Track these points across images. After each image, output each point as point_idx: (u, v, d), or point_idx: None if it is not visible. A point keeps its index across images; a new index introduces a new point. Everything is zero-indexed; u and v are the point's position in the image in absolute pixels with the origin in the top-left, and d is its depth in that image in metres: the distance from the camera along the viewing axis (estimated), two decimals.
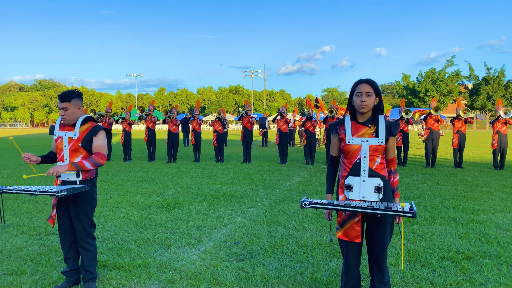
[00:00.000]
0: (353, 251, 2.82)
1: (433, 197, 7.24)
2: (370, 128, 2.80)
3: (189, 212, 6.13)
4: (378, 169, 2.76)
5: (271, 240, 4.73)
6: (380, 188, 2.71)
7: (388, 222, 2.79)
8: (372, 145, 2.74)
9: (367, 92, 2.75)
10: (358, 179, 2.75)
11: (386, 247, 2.83)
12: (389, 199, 2.79)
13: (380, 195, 2.72)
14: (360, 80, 2.83)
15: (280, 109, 13.48)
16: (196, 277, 3.66)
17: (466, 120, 11.82)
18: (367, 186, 2.74)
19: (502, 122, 11.38)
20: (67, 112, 3.26)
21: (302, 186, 8.54)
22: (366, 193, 2.73)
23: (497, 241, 4.64)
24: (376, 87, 2.81)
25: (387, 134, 2.78)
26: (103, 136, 3.40)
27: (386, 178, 2.79)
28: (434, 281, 3.54)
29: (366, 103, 2.74)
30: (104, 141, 3.38)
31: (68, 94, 3.25)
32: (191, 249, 4.44)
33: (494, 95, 57.60)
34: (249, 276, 3.68)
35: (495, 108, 11.61)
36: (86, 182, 3.30)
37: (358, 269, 2.87)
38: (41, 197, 7.17)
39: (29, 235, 4.94)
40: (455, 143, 11.85)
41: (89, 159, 3.24)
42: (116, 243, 4.64)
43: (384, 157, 2.80)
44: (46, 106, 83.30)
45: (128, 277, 3.66)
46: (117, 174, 10.37)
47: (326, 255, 4.21)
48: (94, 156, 3.28)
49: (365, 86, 2.77)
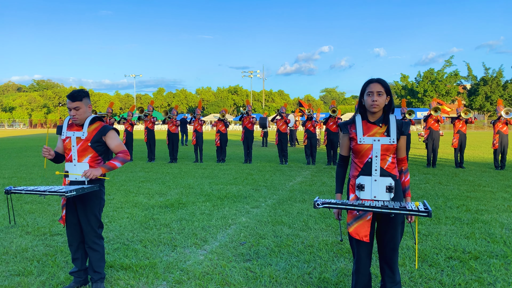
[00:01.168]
0: (364, 250, 2.80)
1: (436, 197, 7.24)
2: (381, 128, 2.79)
3: (193, 212, 6.11)
4: (390, 168, 2.76)
5: (277, 240, 4.72)
6: (392, 187, 2.70)
7: (399, 221, 2.78)
8: (384, 144, 2.74)
9: (378, 91, 2.75)
10: (370, 178, 2.75)
11: (397, 247, 2.82)
12: (400, 199, 2.79)
13: (392, 194, 2.71)
14: (371, 80, 2.82)
15: (280, 109, 13.48)
16: (204, 277, 3.65)
17: (467, 120, 11.82)
18: (378, 185, 2.73)
19: (503, 122, 11.40)
20: (79, 111, 3.25)
21: (304, 186, 8.53)
22: (377, 193, 2.72)
23: (503, 240, 4.64)
24: (387, 86, 2.81)
25: (398, 134, 2.78)
26: (116, 135, 3.42)
27: (397, 177, 2.78)
28: (442, 281, 3.53)
29: (378, 103, 2.74)
30: (118, 139, 3.42)
31: (79, 94, 3.26)
32: (197, 249, 4.43)
33: (492, 95, 57.75)
34: (257, 276, 3.67)
35: (496, 109, 11.62)
36: (94, 182, 3.29)
37: (369, 269, 2.86)
38: (44, 197, 7.15)
39: (34, 236, 4.92)
40: (455, 143, 11.88)
41: (117, 158, 3.29)
42: (121, 243, 4.63)
43: (395, 156, 2.80)
44: (45, 107, 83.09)
45: (135, 277, 3.65)
46: (118, 175, 10.34)
47: (333, 255, 4.20)
48: (120, 154, 3.33)
49: (376, 86, 2.77)
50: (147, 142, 13.70)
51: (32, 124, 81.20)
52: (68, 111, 3.27)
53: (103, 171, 3.20)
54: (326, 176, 10.20)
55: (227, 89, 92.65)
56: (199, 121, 13.61)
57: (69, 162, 3.29)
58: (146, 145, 13.85)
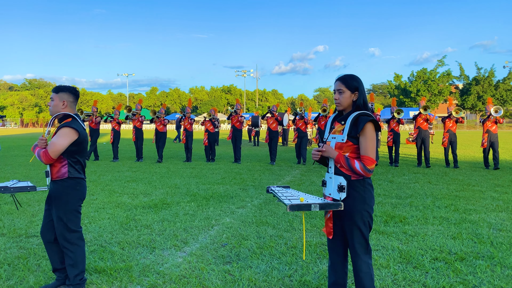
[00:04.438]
0: (330, 246, 2.83)
1: (425, 197, 7.15)
2: (342, 125, 2.72)
3: (177, 212, 5.97)
4: (343, 167, 2.64)
5: (259, 241, 4.59)
6: (343, 187, 2.59)
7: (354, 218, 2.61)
8: (338, 142, 2.69)
9: (338, 89, 2.73)
10: (328, 175, 2.76)
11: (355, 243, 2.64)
12: (359, 202, 2.61)
13: (344, 194, 2.60)
14: (336, 78, 2.77)
15: (271, 107, 13.32)
16: (180, 281, 3.51)
17: (457, 119, 11.72)
18: (332, 183, 2.70)
19: (492, 121, 11.28)
20: (51, 103, 3.19)
21: (293, 185, 8.41)
22: (332, 191, 2.70)
23: (490, 241, 4.55)
24: (349, 83, 2.70)
25: (353, 131, 2.62)
26: (62, 134, 3.05)
27: (352, 178, 2.61)
28: (426, 283, 3.42)
29: (338, 101, 2.73)
30: (59, 139, 3.02)
31: (59, 87, 3.22)
32: (176, 251, 4.29)
33: (484, 95, 58.07)
34: (235, 279, 3.54)
35: (485, 107, 11.52)
36: (59, 183, 3.12)
37: (340, 265, 2.81)
38: (23, 198, 6.96)
39: (8, 238, 4.75)
40: (445, 142, 11.82)
41: (37, 151, 3.06)
42: (99, 245, 4.47)
43: (354, 156, 2.65)
44: (36, 106, 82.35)
45: (109, 281, 3.50)
46: (104, 174, 10.16)
47: (315, 257, 4.08)
48: (42, 151, 3.03)
49: (336, 84, 2.76)
50: (135, 141, 13.51)
51: (23, 123, 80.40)
52: None
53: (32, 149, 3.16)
54: (315, 175, 10.09)
55: (221, 89, 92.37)
56: (189, 120, 13.44)
57: None
58: (134, 144, 13.65)
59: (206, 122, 13.46)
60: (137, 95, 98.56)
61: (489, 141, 11.27)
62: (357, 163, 2.57)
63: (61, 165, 3.13)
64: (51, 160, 3.03)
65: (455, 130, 11.87)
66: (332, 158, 2.65)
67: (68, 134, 3.07)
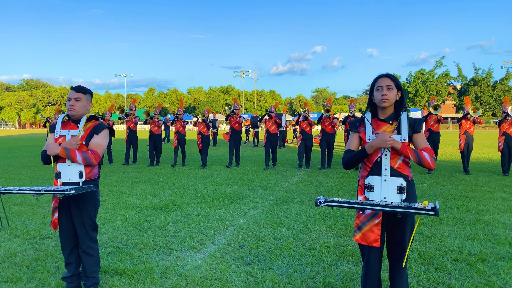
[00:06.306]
0: (374, 255, 2.67)
1: (435, 197, 7.15)
2: (391, 125, 2.68)
3: (189, 214, 5.94)
4: (401, 168, 2.62)
5: (277, 242, 4.56)
6: (403, 188, 2.56)
7: (408, 223, 2.65)
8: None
9: (387, 85, 2.65)
10: (379, 178, 2.61)
11: (405, 250, 2.67)
12: (413, 201, 2.65)
13: (403, 196, 2.57)
14: (380, 75, 2.72)
15: (269, 109, 12.47)
16: (203, 282, 3.48)
17: (475, 120, 10.51)
18: (388, 186, 2.59)
19: (509, 123, 10.03)
20: (78, 103, 3.11)
21: (301, 186, 8.39)
22: (387, 194, 2.59)
23: (508, 242, 4.54)
24: (397, 81, 2.70)
25: (410, 131, 2.65)
26: (104, 135, 3.18)
27: (410, 178, 2.64)
28: (451, 284, 3.41)
29: (387, 97, 2.63)
30: (103, 141, 3.16)
31: (85, 88, 3.19)
32: (194, 253, 4.26)
33: (482, 95, 58.30)
34: (258, 281, 3.52)
35: (502, 108, 10.37)
36: (90, 183, 3.11)
37: (379, 273, 2.73)
38: (33, 199, 6.91)
39: (23, 239, 4.71)
40: (462, 145, 10.48)
41: (83, 153, 3.03)
42: (115, 247, 4.44)
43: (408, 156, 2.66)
44: (34, 106, 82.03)
45: (131, 283, 3.47)
46: (110, 175, 10.12)
47: (336, 258, 4.06)
48: (89, 152, 3.05)
49: (385, 80, 2.67)
50: (127, 143, 12.90)
51: (21, 124, 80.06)
52: (66, 103, 3.14)
53: (60, 153, 2.96)
54: (322, 176, 10.07)
55: (219, 89, 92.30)
56: (181, 122, 12.52)
57: (62, 162, 3.08)
58: (126, 146, 12.97)
59: (199, 124, 12.51)
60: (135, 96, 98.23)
61: (506, 144, 10.02)
62: (426, 154, 2.57)
63: (95, 165, 3.14)
64: (98, 160, 3.10)
65: (472, 132, 10.61)
66: (397, 148, 2.54)
67: (107, 136, 3.20)
